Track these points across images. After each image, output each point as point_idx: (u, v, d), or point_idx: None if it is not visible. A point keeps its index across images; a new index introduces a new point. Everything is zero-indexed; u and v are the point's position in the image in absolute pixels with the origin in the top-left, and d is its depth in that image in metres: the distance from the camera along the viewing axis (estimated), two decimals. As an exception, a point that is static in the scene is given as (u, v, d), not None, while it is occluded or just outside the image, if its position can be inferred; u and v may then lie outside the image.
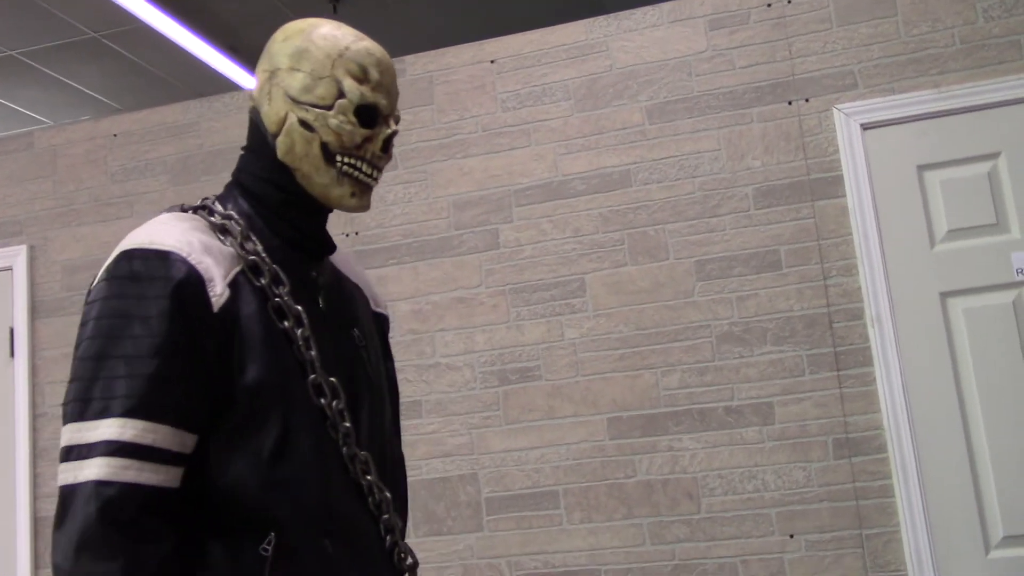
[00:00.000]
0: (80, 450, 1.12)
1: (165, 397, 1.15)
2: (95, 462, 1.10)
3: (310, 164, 1.32)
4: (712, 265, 3.17)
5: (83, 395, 1.14)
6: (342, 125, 1.31)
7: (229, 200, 1.36)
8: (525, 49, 3.43)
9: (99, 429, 1.11)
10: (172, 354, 1.16)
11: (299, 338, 1.29)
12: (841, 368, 3.03)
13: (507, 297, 3.31)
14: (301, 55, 1.32)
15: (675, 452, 3.11)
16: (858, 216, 3.06)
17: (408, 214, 3.44)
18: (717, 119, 3.23)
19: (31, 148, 3.84)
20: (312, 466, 1.26)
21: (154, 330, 1.16)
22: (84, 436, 1.12)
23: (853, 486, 2.97)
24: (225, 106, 3.69)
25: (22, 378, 3.66)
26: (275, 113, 1.32)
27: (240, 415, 1.21)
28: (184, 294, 1.18)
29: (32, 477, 3.59)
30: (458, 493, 3.25)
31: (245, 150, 1.39)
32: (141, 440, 1.12)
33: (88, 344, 1.16)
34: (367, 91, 1.33)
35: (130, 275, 1.18)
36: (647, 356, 3.17)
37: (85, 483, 1.10)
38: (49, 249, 3.75)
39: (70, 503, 1.10)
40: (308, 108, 1.30)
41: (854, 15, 3.17)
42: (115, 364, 1.14)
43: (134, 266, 1.19)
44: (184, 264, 1.19)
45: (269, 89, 1.33)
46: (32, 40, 6.31)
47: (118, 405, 1.12)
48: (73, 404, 1.14)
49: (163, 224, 1.25)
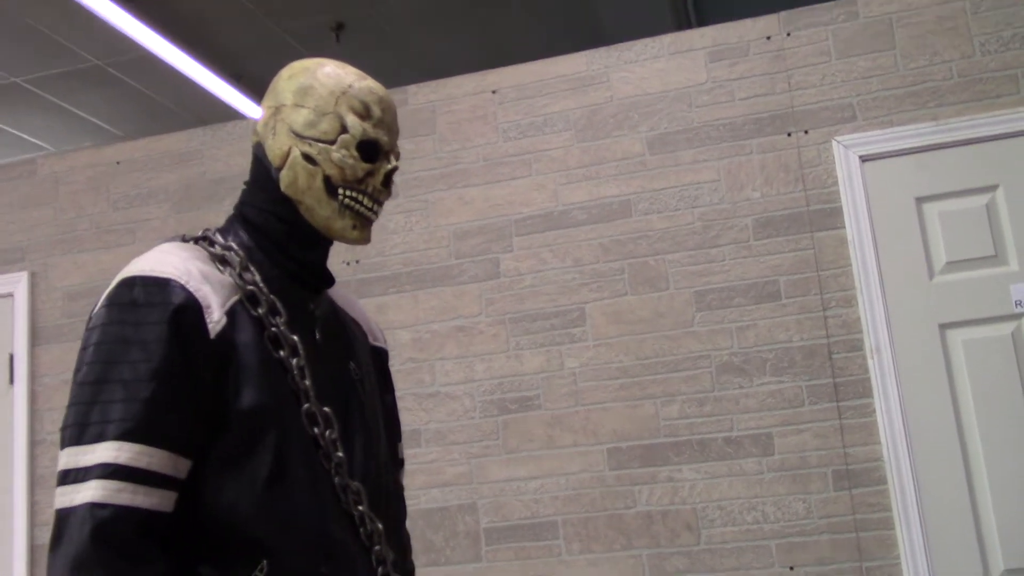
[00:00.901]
0: (76, 474, 1.13)
1: (161, 421, 1.16)
2: (90, 485, 1.11)
3: (313, 197, 1.35)
4: (712, 295, 3.17)
5: (81, 419, 1.15)
6: (344, 159, 1.34)
7: (230, 232, 1.39)
8: (526, 80, 3.46)
9: (95, 452, 1.13)
10: (169, 379, 1.18)
11: (294, 368, 1.30)
12: (840, 399, 3.03)
13: (507, 326, 3.31)
14: (306, 92, 1.35)
15: (675, 483, 3.11)
16: (857, 247, 3.07)
17: (409, 243, 3.45)
18: (717, 150, 3.25)
19: (34, 175, 3.86)
20: (305, 494, 1.27)
21: (152, 355, 1.18)
22: (80, 460, 1.13)
23: (853, 518, 2.96)
24: (228, 134, 3.71)
25: (21, 405, 3.65)
26: (279, 147, 1.35)
27: (234, 441, 1.23)
28: (181, 320, 1.20)
29: (29, 505, 3.58)
30: (457, 523, 3.24)
31: (248, 183, 1.42)
32: (136, 463, 1.14)
33: (87, 369, 1.18)
34: (369, 127, 1.36)
35: (130, 302, 1.20)
36: (647, 386, 3.17)
37: (80, 506, 1.11)
38: (50, 276, 3.76)
39: (65, 526, 1.11)
40: (311, 142, 1.33)
41: (853, 48, 3.20)
42: (113, 388, 1.16)
43: (134, 293, 1.21)
44: (182, 291, 1.22)
45: (274, 124, 1.36)
46: (36, 68, 6.35)
47: (114, 428, 1.14)
48: (71, 428, 1.16)
49: (163, 253, 1.27)
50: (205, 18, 5.90)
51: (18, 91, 6.63)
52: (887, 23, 3.19)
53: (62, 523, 1.12)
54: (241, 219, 1.39)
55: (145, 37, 5.80)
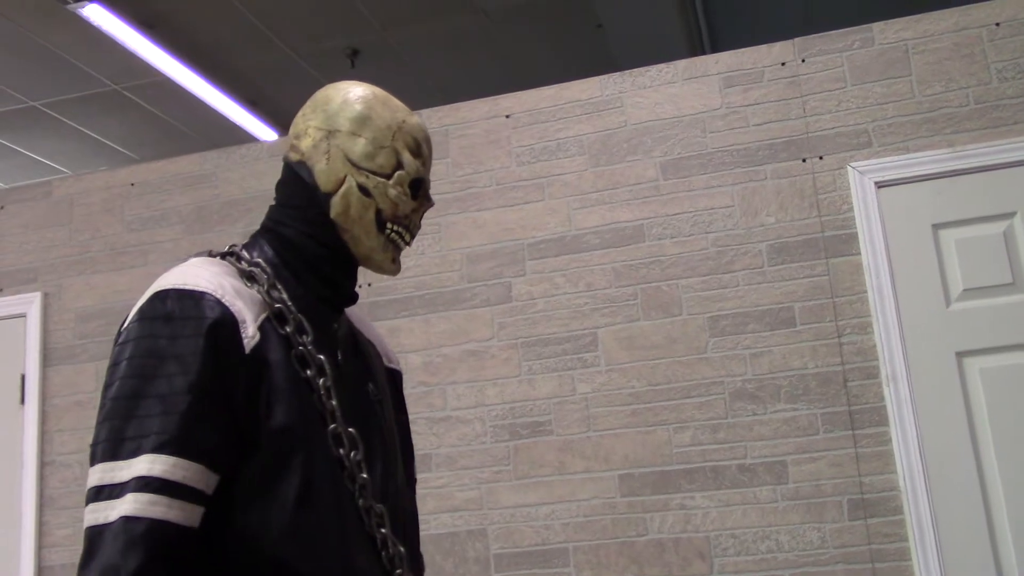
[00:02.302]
0: (112, 490, 1.11)
1: (196, 435, 1.15)
2: (126, 499, 1.09)
3: (362, 228, 1.36)
4: (726, 321, 3.15)
5: (117, 435, 1.13)
6: (400, 196, 1.36)
7: (255, 248, 1.38)
8: (540, 104, 3.46)
9: (132, 467, 1.11)
10: (205, 393, 1.16)
11: (321, 387, 1.29)
12: (856, 427, 2.99)
13: (519, 351, 3.29)
14: (363, 122, 1.36)
15: (687, 510, 3.07)
16: (873, 274, 3.05)
17: (421, 266, 3.44)
18: (731, 176, 3.24)
19: (49, 197, 3.87)
20: (332, 517, 1.25)
21: (188, 368, 1.16)
22: (116, 475, 1.11)
23: (869, 548, 2.92)
24: (242, 157, 3.72)
25: (31, 425, 3.65)
26: (333, 173, 1.35)
27: (264, 460, 1.21)
28: (218, 334, 1.19)
29: (38, 526, 3.56)
30: (467, 549, 3.21)
31: (282, 203, 1.40)
32: (171, 476, 1.12)
33: (121, 384, 1.16)
34: (419, 165, 1.39)
35: (164, 315, 1.19)
36: (659, 412, 3.15)
37: (114, 521, 1.09)
38: (63, 297, 3.76)
39: (98, 542, 1.09)
40: (368, 175, 1.35)
41: (868, 74, 3.19)
42: (149, 403, 1.14)
43: (168, 306, 1.19)
44: (218, 305, 1.21)
45: (327, 148, 1.35)
46: (55, 92, 6.41)
47: (150, 442, 1.12)
48: (105, 444, 1.13)
49: (195, 267, 1.26)
50: (222, 43, 5.95)
51: (37, 115, 6.69)
52: (903, 50, 3.18)
53: (95, 539, 1.09)
54: (272, 236, 1.38)
55: (162, 62, 5.85)
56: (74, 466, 3.60)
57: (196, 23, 5.67)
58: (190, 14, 5.56)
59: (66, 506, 3.56)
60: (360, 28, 5.91)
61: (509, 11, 5.83)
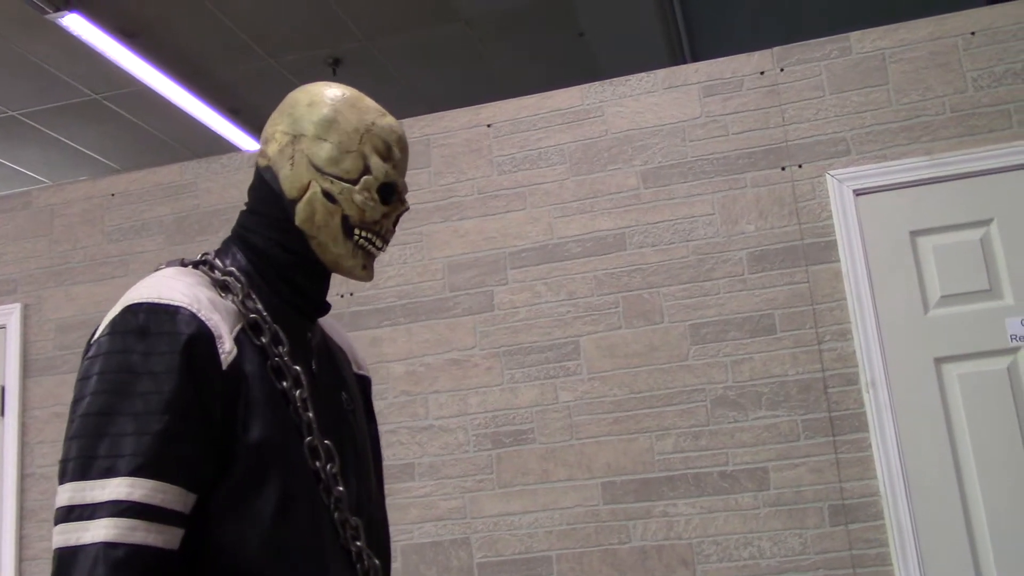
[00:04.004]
0: (82, 510, 1.07)
1: (173, 456, 1.11)
2: (102, 523, 1.06)
3: (328, 234, 1.32)
4: (706, 329, 3.17)
5: (86, 453, 1.09)
6: (367, 202, 1.32)
7: (228, 256, 1.35)
8: (521, 114, 3.47)
9: (106, 489, 1.07)
10: (181, 412, 1.13)
11: (297, 399, 1.27)
12: (836, 434, 3.01)
13: (501, 359, 3.30)
14: (329, 125, 1.32)
15: (670, 517, 3.08)
16: (852, 281, 3.07)
17: (403, 275, 3.44)
18: (711, 184, 3.26)
19: (29, 207, 3.86)
20: (309, 531, 1.23)
21: (162, 386, 1.12)
22: (88, 496, 1.08)
23: (850, 554, 2.94)
24: (222, 167, 3.71)
25: (11, 437, 3.63)
26: (297, 179, 1.31)
27: (241, 475, 1.18)
28: (194, 351, 1.16)
29: (18, 539, 3.54)
30: (450, 558, 3.21)
31: (250, 207, 1.37)
32: (150, 500, 1.09)
33: (92, 400, 1.12)
34: (390, 169, 1.35)
35: (137, 329, 1.15)
36: (641, 420, 3.16)
37: (91, 545, 1.05)
38: (43, 308, 3.74)
39: (71, 565, 1.05)
40: (333, 180, 1.31)
41: (846, 83, 3.22)
42: (122, 421, 1.10)
43: (141, 320, 1.15)
44: (194, 320, 1.17)
45: (291, 153, 1.32)
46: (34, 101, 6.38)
47: (126, 464, 1.08)
48: (75, 462, 1.10)
49: (169, 279, 1.22)
50: (202, 53, 5.94)
51: (16, 124, 6.65)
52: (880, 58, 3.21)
53: (67, 562, 1.06)
54: (242, 243, 1.35)
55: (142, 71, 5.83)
56: (55, 478, 3.57)
57: (176, 32, 5.66)
58: (170, 23, 5.54)
59: (47, 519, 3.54)
60: (342, 37, 5.91)
61: (491, 20, 5.84)
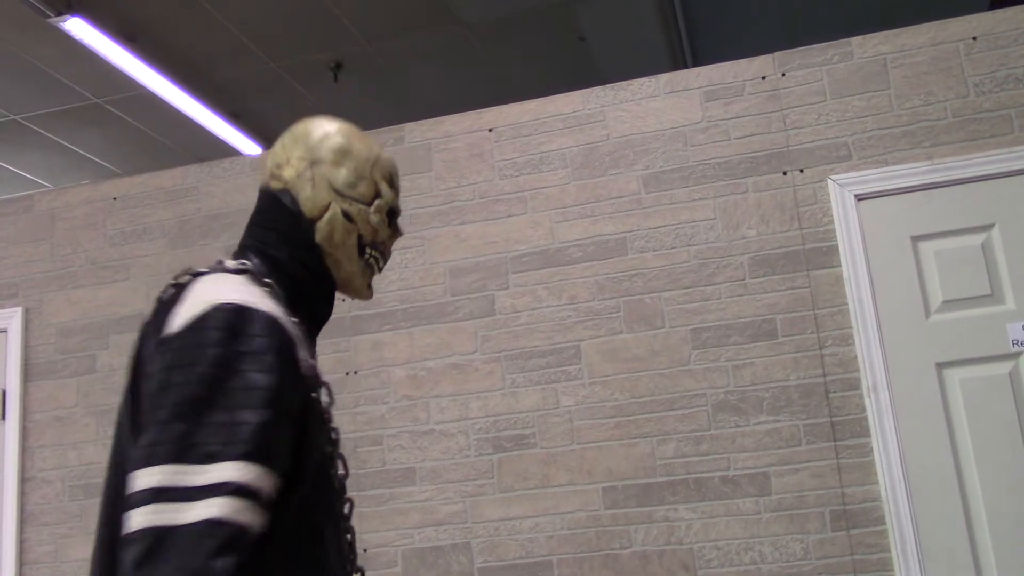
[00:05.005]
0: (180, 492, 1.08)
1: (274, 447, 1.15)
2: (208, 503, 1.08)
3: (345, 252, 1.43)
4: (708, 333, 3.17)
5: (184, 439, 1.11)
6: (380, 222, 1.45)
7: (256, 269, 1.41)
8: (523, 118, 3.47)
9: (208, 473, 1.09)
10: (278, 409, 1.17)
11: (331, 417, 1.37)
12: (838, 438, 3.01)
13: (502, 364, 3.30)
14: (345, 153, 1.44)
15: (671, 522, 3.08)
16: (853, 286, 3.07)
17: (404, 280, 3.44)
18: (713, 188, 3.26)
19: (30, 211, 3.86)
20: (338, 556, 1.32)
21: (262, 383, 1.16)
22: (186, 479, 1.09)
23: (851, 559, 2.93)
24: (224, 171, 3.71)
25: (12, 441, 3.63)
26: (318, 200, 1.41)
27: (307, 481, 1.25)
28: (285, 355, 1.20)
29: (18, 543, 3.53)
30: (451, 563, 3.20)
31: (267, 227, 1.41)
32: (256, 484, 1.12)
33: (187, 389, 1.14)
34: (394, 196, 1.50)
35: (230, 327, 1.18)
36: (643, 424, 3.15)
37: (195, 523, 1.06)
38: (44, 312, 3.75)
39: (168, 543, 1.05)
40: (352, 201, 1.43)
41: (847, 88, 3.22)
42: (222, 412, 1.13)
43: (232, 319, 1.18)
44: (279, 324, 1.22)
45: (311, 176, 1.42)
46: (36, 105, 6.38)
47: (233, 449, 1.11)
48: (169, 446, 1.10)
49: (243, 286, 1.25)
50: (204, 56, 5.94)
51: (18, 128, 6.66)
52: (881, 63, 3.21)
53: (162, 540, 1.05)
54: (263, 258, 1.39)
55: (144, 75, 5.84)
56: (55, 482, 3.57)
57: (178, 36, 5.67)
58: (172, 27, 5.55)
59: (47, 523, 3.54)
60: (343, 41, 5.91)
61: (492, 25, 5.85)
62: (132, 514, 1.08)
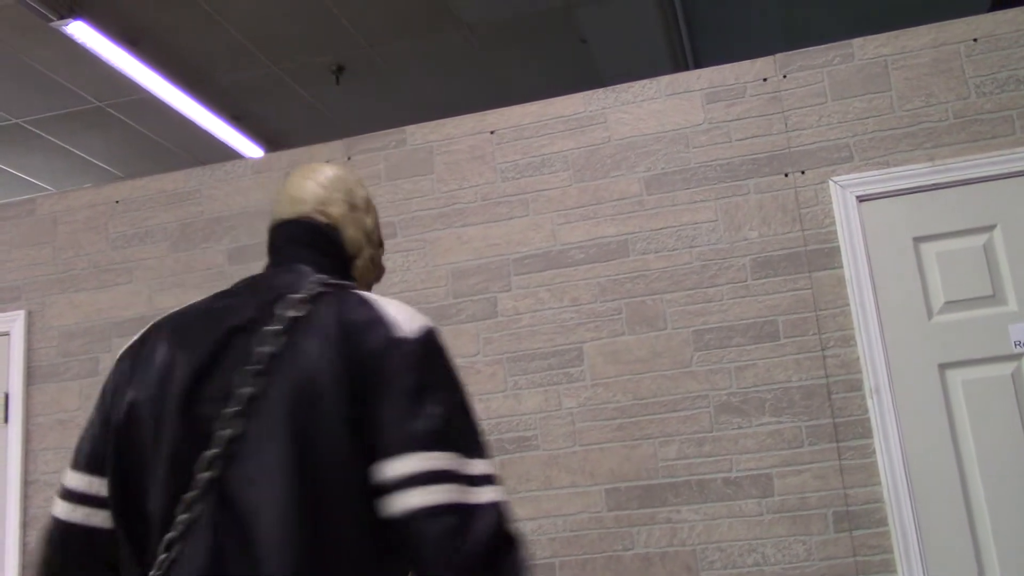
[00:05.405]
0: (467, 478, 1.26)
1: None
2: (493, 489, 1.27)
3: (365, 287, 1.61)
4: (710, 335, 3.17)
5: (465, 432, 1.29)
6: (383, 263, 1.66)
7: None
8: (524, 120, 3.48)
9: (481, 465, 1.28)
10: None
11: None
12: (840, 440, 3.01)
13: (504, 366, 3.30)
14: (369, 203, 1.63)
15: (674, 524, 3.08)
16: (855, 287, 3.07)
17: (407, 282, 3.45)
18: (714, 190, 3.26)
19: (33, 214, 3.86)
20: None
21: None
22: (469, 468, 1.26)
23: (854, 560, 2.93)
24: (226, 174, 3.72)
25: (15, 444, 3.63)
26: (356, 241, 1.58)
27: None
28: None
29: (21, 545, 3.54)
30: (453, 565, 3.20)
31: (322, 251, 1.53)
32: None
33: (460, 388, 1.34)
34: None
35: (444, 345, 1.38)
36: (645, 426, 3.15)
37: (489, 503, 1.25)
38: (47, 315, 3.75)
39: (474, 517, 1.23)
40: (376, 247, 1.62)
41: (848, 90, 3.22)
42: (472, 414, 1.34)
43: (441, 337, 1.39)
44: None
45: (352, 219, 1.58)
46: (38, 109, 6.39)
47: (486, 448, 1.32)
48: (462, 436, 1.28)
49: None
50: (206, 60, 5.95)
51: (20, 132, 6.67)
52: (882, 65, 3.21)
53: (469, 515, 1.22)
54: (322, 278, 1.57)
55: (146, 78, 5.84)
56: (57, 486, 3.57)
57: (180, 39, 5.67)
58: (174, 31, 5.56)
59: (50, 525, 3.54)
60: (345, 44, 5.92)
61: (493, 27, 5.85)
62: (432, 489, 1.23)
